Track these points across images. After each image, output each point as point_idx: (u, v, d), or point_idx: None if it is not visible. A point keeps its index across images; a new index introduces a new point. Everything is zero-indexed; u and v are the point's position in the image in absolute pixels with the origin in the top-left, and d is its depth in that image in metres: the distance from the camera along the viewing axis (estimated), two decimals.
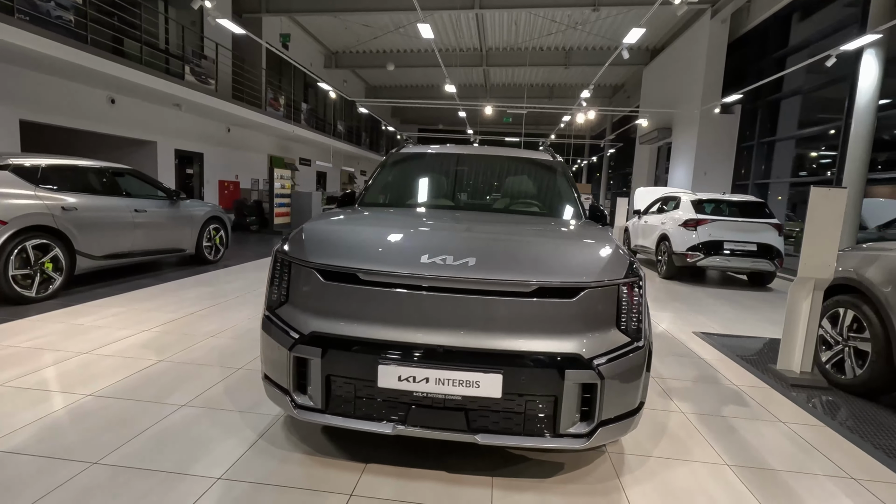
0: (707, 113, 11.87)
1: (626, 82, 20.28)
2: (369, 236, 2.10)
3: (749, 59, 11.82)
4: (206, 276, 6.11)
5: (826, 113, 10.25)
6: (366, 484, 1.94)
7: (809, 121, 10.59)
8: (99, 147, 9.26)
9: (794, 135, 10.80)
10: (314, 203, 12.85)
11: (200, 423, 2.36)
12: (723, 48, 11.97)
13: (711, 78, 11.99)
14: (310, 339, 1.87)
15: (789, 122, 11.02)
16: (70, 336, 3.50)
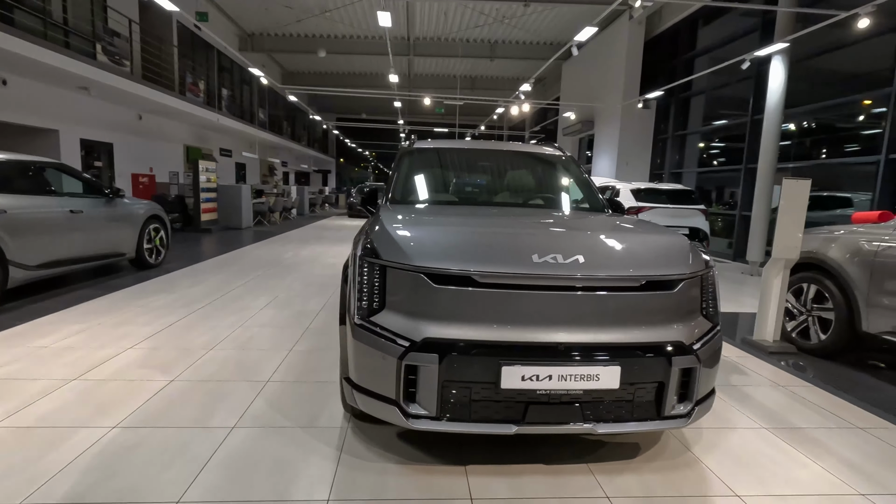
0: (628, 107, 12.84)
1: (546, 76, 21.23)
2: (472, 238, 2.06)
3: (663, 59, 12.94)
4: (157, 281, 5.50)
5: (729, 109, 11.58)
6: (478, 486, 1.94)
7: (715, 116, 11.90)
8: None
9: (702, 129, 12.06)
10: (244, 197, 12.04)
11: (265, 443, 2.18)
12: (640, 47, 12.98)
13: (631, 74, 12.97)
14: (423, 345, 1.82)
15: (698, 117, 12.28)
16: (42, 361, 3.01)
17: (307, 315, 4.32)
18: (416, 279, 1.88)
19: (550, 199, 3.24)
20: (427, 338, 1.83)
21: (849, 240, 3.51)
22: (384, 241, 2.04)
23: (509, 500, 1.87)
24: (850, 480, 2.07)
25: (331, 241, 10.07)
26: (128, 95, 9.09)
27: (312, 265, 7.00)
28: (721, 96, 11.62)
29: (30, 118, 8.02)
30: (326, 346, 3.52)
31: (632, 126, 13.11)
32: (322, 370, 3.07)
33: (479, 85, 21.36)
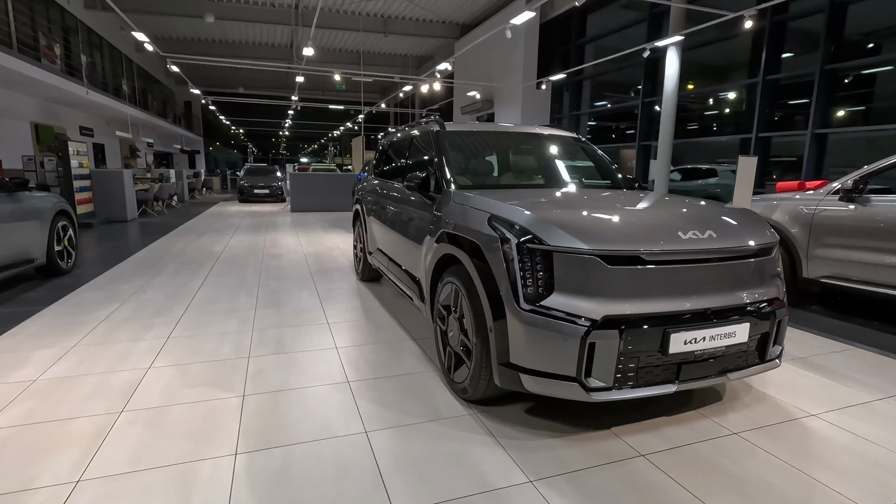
0: (528, 88, 13.64)
1: (434, 54, 21.36)
2: (631, 220, 2.19)
3: (556, 43, 13.92)
4: (88, 290, 4.63)
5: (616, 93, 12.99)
6: (635, 443, 2.14)
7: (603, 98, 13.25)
8: None
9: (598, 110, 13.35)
10: (127, 184, 10.38)
11: (415, 442, 2.12)
12: (536, 30, 13.77)
13: (529, 56, 13.74)
14: (603, 323, 1.94)
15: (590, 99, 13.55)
16: (53, 395, 2.45)
17: (314, 309, 4.05)
18: (589, 262, 1.98)
19: (598, 178, 3.47)
20: (606, 315, 1.95)
21: (789, 205, 4.34)
22: (545, 227, 2.07)
23: (671, 449, 2.10)
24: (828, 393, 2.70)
25: (250, 230, 9.23)
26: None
27: (259, 256, 6.42)
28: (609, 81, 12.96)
29: None
30: (374, 341, 3.39)
31: (532, 106, 13.99)
32: (390, 364, 2.98)
33: (371, 61, 20.74)
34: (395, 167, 4.35)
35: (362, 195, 4.96)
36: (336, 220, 11.28)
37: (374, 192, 4.55)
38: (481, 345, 2.25)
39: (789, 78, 8.05)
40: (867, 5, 7.06)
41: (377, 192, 4.47)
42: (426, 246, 2.97)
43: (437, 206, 2.94)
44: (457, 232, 2.54)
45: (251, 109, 28.23)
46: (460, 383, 2.47)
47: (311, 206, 13.40)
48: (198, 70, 21.39)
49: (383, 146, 4.96)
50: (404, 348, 3.23)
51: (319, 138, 48.73)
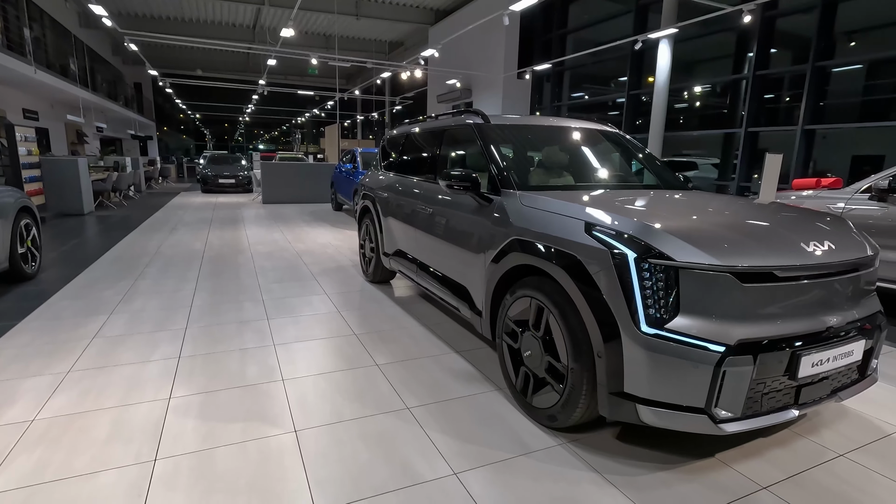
0: (509, 77, 13.41)
1: (406, 40, 20.75)
2: (750, 229, 1.97)
3: (536, 32, 13.72)
4: (65, 300, 4.07)
5: (598, 84, 12.97)
6: (750, 473, 1.97)
7: (584, 90, 13.21)
8: None
9: (579, 101, 13.29)
10: (83, 174, 9.47)
11: (516, 486, 1.86)
12: (517, 19, 13.50)
13: (510, 45, 13.49)
14: (738, 348, 1.73)
15: (570, 90, 13.48)
16: (62, 441, 2.03)
17: (334, 318, 3.70)
18: (721, 279, 1.76)
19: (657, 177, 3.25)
20: (741, 339, 1.75)
21: (814, 204, 4.32)
22: (663, 239, 1.84)
23: (791, 478, 1.94)
24: None
25: (227, 224, 8.60)
26: None
27: (248, 255, 5.92)
28: (589, 73, 12.91)
29: None
30: (416, 356, 3.08)
31: (513, 96, 13.77)
32: (445, 383, 2.70)
33: (340, 46, 19.89)
34: (417, 162, 4.01)
35: (373, 191, 4.59)
36: (316, 213, 10.73)
37: (392, 189, 4.20)
38: (580, 370, 2.00)
39: (778, 73, 8.18)
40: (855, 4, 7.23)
41: (396, 190, 4.12)
42: (485, 253, 2.69)
43: (496, 209, 2.65)
44: (536, 240, 2.28)
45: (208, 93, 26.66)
46: (545, 409, 2.22)
47: (284, 197, 12.74)
48: (152, 49, 19.93)
49: (396, 139, 4.59)
50: (452, 364, 2.95)
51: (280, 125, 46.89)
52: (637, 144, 3.57)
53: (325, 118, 30.09)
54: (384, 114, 24.12)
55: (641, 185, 3.20)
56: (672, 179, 3.27)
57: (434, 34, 17.49)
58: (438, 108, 17.99)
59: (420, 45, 18.88)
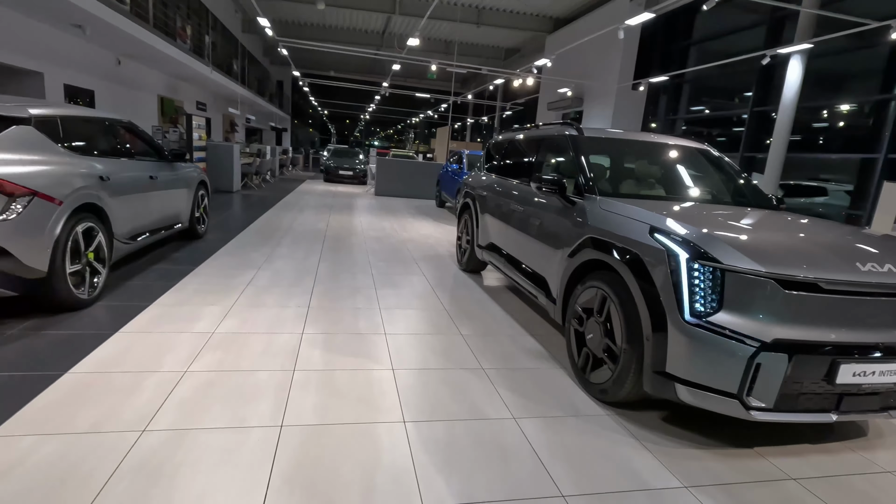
0: (622, 88, 13.25)
1: (522, 47, 21.16)
2: (804, 244, 2.21)
3: (658, 43, 13.39)
4: (225, 256, 5.14)
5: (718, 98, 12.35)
6: (784, 466, 2.16)
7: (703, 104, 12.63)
8: None
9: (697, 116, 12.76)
10: (235, 158, 11.22)
11: (563, 435, 2.26)
12: (637, 29, 13.29)
13: (628, 55, 13.32)
14: (773, 345, 1.97)
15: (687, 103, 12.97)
16: (232, 348, 2.82)
17: (429, 295, 4.29)
18: (763, 284, 2.01)
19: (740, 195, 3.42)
20: (777, 339, 1.98)
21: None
22: (715, 245, 2.12)
23: (825, 477, 2.10)
24: None
25: (344, 210, 9.73)
26: (124, 38, 8.03)
27: (361, 238, 6.80)
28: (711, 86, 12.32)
29: (14, 57, 6.90)
30: (495, 332, 3.56)
31: (624, 107, 13.58)
32: (516, 356, 3.13)
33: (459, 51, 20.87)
34: (516, 166, 4.47)
35: (475, 189, 5.13)
36: (420, 207, 11.60)
37: (491, 189, 4.70)
38: (631, 351, 2.34)
39: None
40: None
41: (494, 189, 4.62)
42: (563, 249, 3.08)
43: (577, 211, 3.03)
44: (606, 239, 2.63)
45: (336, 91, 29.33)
46: (599, 384, 2.58)
47: (394, 191, 13.85)
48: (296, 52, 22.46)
49: (500, 144, 5.09)
50: (524, 342, 3.37)
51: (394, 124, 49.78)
52: (728, 163, 3.69)
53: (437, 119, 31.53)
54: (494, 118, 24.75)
55: (719, 201, 3.35)
56: (759, 199, 3.38)
57: (551, 42, 17.69)
58: (548, 116, 18.16)
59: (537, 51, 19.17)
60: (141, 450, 1.88)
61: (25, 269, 2.75)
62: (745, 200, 3.40)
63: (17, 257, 2.68)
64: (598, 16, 14.56)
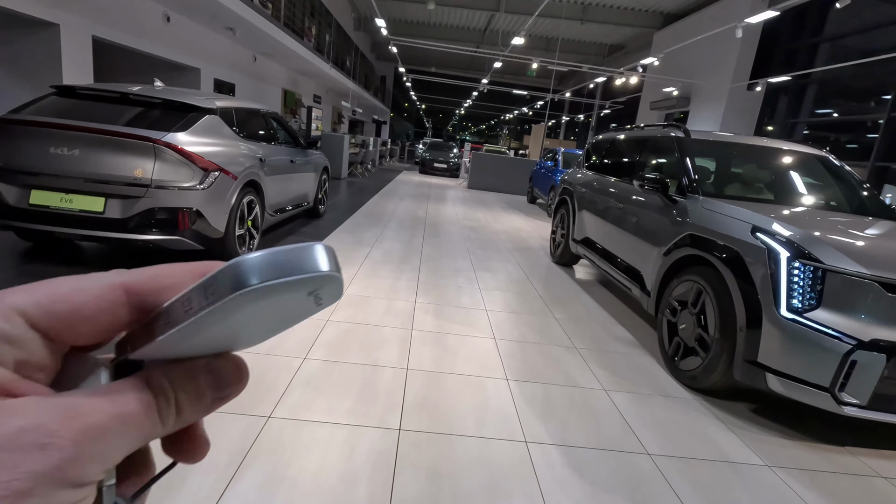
0: (735, 89, 12.48)
1: (627, 44, 20.49)
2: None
3: (782, 38, 12.42)
4: (342, 233, 5.82)
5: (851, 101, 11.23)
6: (875, 466, 2.22)
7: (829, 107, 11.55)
8: (143, 71, 8.09)
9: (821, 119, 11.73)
10: (345, 147, 12.22)
11: (651, 408, 2.49)
12: (759, 26, 12.43)
13: (745, 54, 12.51)
14: (870, 344, 2.06)
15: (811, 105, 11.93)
16: (361, 308, 3.36)
17: (523, 281, 4.61)
18: (866, 286, 2.11)
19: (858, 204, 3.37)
20: (875, 339, 2.07)
21: None
22: (818, 246, 2.24)
23: None
24: None
25: (440, 201, 10.29)
26: (263, 38, 9.17)
27: (458, 227, 7.26)
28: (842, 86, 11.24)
29: (181, 55, 8.21)
30: (587, 319, 3.81)
31: (737, 108, 12.79)
32: (607, 341, 3.36)
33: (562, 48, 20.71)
34: (618, 165, 4.63)
35: (573, 185, 5.34)
36: (511, 202, 11.88)
37: (590, 186, 4.89)
38: (723, 340, 2.51)
39: None
40: None
41: (593, 186, 4.81)
42: (661, 245, 3.25)
43: (678, 210, 3.19)
44: (707, 236, 2.79)
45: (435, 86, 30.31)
46: (688, 371, 2.75)
47: (486, 185, 14.24)
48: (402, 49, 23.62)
49: (601, 142, 5.25)
50: (615, 330, 3.58)
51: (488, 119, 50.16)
52: (848, 171, 3.60)
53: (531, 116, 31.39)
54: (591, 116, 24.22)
55: (834, 208, 3.31)
56: (879, 209, 3.29)
57: (659, 38, 16.99)
58: (650, 116, 17.49)
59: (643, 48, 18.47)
60: (305, 371, 2.43)
61: (211, 230, 3.49)
62: (862, 209, 3.32)
63: (208, 219, 3.41)
64: (713, 11, 13.79)
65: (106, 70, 7.40)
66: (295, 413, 2.07)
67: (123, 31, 6.74)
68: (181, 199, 3.26)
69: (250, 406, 2.08)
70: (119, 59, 7.66)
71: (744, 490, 1.94)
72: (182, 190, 3.26)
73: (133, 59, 7.72)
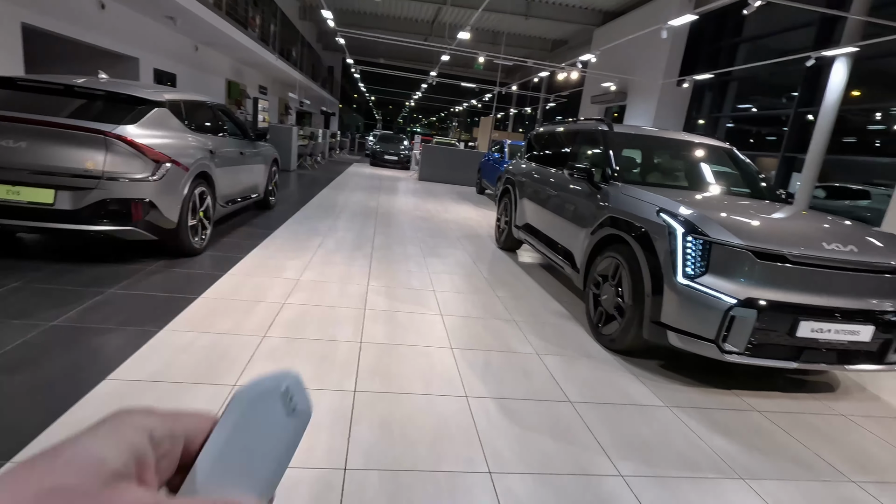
0: (666, 85, 13.37)
1: (570, 39, 21.26)
2: (782, 226, 2.74)
3: (706, 39, 13.41)
4: (294, 224, 5.94)
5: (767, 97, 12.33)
6: (754, 404, 2.70)
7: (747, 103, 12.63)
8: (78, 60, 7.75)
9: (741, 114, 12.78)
10: (294, 139, 12.13)
11: (576, 368, 2.87)
12: (686, 27, 13.34)
13: (675, 52, 13.41)
14: (745, 302, 2.51)
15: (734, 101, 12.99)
16: (316, 291, 3.56)
17: (469, 265, 4.94)
18: (740, 254, 2.55)
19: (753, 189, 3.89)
20: (749, 297, 2.52)
21: None
22: (706, 222, 2.67)
23: (786, 413, 2.64)
24: None
25: (391, 192, 10.48)
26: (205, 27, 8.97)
27: (409, 216, 7.51)
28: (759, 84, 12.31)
29: (119, 44, 7.93)
30: (526, 296, 4.18)
31: (668, 103, 13.70)
32: (542, 313, 3.75)
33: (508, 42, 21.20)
34: (554, 156, 5.03)
35: (515, 176, 5.72)
36: (461, 193, 12.23)
37: (530, 175, 5.28)
38: (635, 306, 2.92)
39: None
40: None
41: (532, 176, 5.19)
42: (587, 226, 3.66)
43: (602, 195, 3.60)
44: (623, 217, 3.20)
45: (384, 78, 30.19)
46: (608, 335, 3.17)
47: (436, 177, 14.52)
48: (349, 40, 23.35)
49: (541, 135, 5.64)
50: (550, 305, 3.98)
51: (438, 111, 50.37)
52: (746, 162, 4.14)
53: (480, 108, 31.90)
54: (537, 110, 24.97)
55: (731, 193, 3.83)
56: (767, 192, 3.84)
57: (599, 36, 17.80)
58: (591, 110, 18.32)
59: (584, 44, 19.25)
60: (265, 348, 2.63)
61: (164, 220, 3.57)
62: (755, 194, 3.86)
63: (161, 210, 3.50)
64: (648, 11, 14.64)
65: (37, 60, 7.06)
66: None
67: (55, 17, 6.47)
68: (134, 190, 3.33)
69: (215, 377, 2.27)
70: (52, 47, 7.31)
71: (645, 425, 2.34)
72: (134, 181, 3.33)
73: (67, 48, 7.39)
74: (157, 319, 2.79)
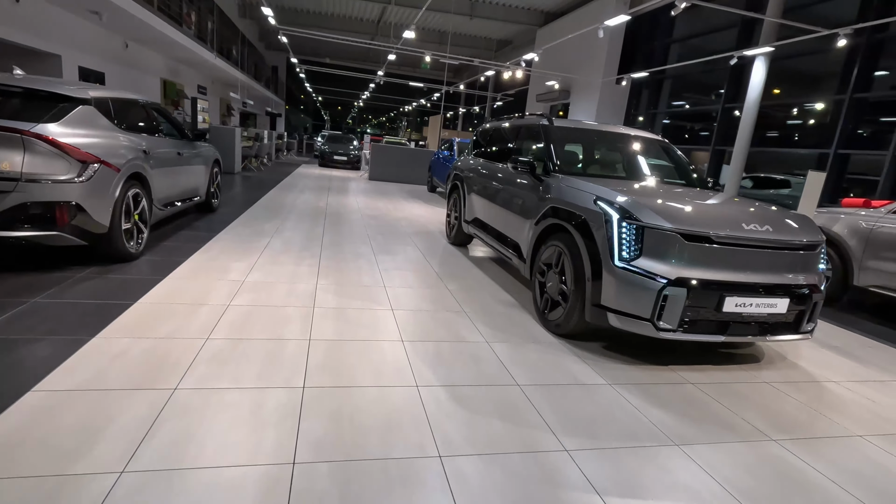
0: (607, 82, 13.92)
1: (514, 39, 21.70)
2: (706, 210, 2.92)
3: (641, 39, 14.06)
4: (239, 227, 5.76)
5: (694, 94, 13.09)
6: (689, 377, 2.89)
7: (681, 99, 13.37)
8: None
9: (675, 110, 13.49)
10: (237, 141, 11.73)
11: (523, 352, 2.97)
12: (622, 26, 13.94)
13: (612, 51, 13.98)
14: (676, 282, 2.68)
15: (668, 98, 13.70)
16: (263, 292, 3.48)
17: (420, 261, 4.97)
18: (671, 237, 2.72)
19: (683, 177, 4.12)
20: (679, 276, 2.69)
21: (850, 220, 4.80)
22: (640, 208, 2.82)
23: (715, 384, 2.83)
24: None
25: (341, 192, 10.34)
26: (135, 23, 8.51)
27: (359, 215, 7.44)
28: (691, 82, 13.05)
29: (36, 40, 7.38)
30: (477, 288, 4.25)
31: (609, 101, 14.27)
32: (491, 304, 3.83)
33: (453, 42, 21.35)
34: (499, 151, 5.14)
35: (463, 172, 5.79)
36: (413, 191, 12.23)
37: (477, 171, 5.37)
38: (577, 291, 3.05)
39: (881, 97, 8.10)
40: None
41: (479, 171, 5.28)
42: (532, 218, 3.77)
43: (544, 187, 3.72)
44: (564, 207, 3.32)
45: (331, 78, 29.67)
46: (554, 320, 3.28)
47: (387, 176, 14.44)
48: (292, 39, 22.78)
49: (486, 131, 5.75)
50: (500, 296, 4.07)
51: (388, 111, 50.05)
52: (677, 153, 4.40)
53: (430, 108, 32.01)
54: (485, 108, 25.32)
55: (663, 181, 4.06)
56: (695, 180, 4.10)
57: (542, 35, 18.26)
58: (537, 107, 18.78)
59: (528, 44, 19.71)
60: (209, 350, 2.55)
61: (94, 224, 3.38)
62: (684, 182, 4.11)
63: (90, 213, 3.30)
64: (587, 11, 15.17)
65: None
66: (202, 384, 2.22)
67: None
68: (58, 192, 3.13)
69: (154, 382, 2.18)
70: None
71: (589, 402, 2.45)
72: (58, 183, 3.13)
73: None
74: (88, 327, 2.64)
